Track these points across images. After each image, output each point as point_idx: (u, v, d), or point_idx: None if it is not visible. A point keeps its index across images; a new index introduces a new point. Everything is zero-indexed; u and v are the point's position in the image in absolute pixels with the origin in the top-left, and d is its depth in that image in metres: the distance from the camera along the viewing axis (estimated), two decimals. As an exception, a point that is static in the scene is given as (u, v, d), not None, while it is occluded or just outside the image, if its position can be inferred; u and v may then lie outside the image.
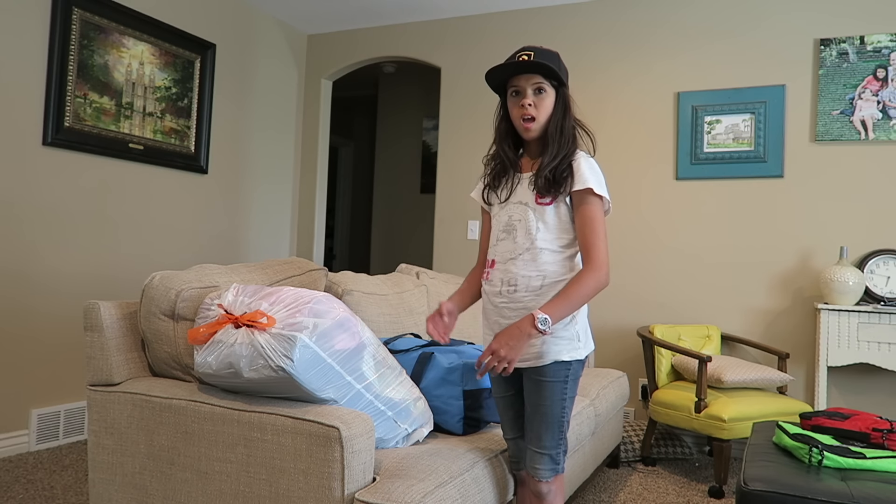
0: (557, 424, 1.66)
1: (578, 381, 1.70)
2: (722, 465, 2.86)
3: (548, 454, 1.67)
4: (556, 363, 1.63)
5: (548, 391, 1.64)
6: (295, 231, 4.78)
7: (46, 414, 3.17)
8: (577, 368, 1.67)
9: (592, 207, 1.62)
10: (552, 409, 1.65)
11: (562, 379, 1.64)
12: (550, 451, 1.67)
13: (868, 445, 2.04)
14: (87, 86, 3.30)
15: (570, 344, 1.64)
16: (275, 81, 4.55)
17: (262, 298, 1.62)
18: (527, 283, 1.65)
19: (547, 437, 1.66)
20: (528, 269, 1.66)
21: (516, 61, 1.64)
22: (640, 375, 3.76)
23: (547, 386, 1.64)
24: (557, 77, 1.65)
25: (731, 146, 3.61)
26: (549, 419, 1.65)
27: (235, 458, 1.61)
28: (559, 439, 1.67)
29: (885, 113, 3.31)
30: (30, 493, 2.56)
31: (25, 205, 3.09)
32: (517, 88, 1.67)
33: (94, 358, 1.85)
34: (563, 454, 1.69)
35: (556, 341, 1.63)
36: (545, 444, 1.67)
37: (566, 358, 1.63)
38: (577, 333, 1.67)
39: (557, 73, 1.63)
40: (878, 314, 3.06)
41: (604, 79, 3.94)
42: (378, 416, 1.71)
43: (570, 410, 1.68)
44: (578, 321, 1.68)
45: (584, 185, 1.61)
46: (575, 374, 1.67)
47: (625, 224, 3.85)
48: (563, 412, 1.66)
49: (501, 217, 1.73)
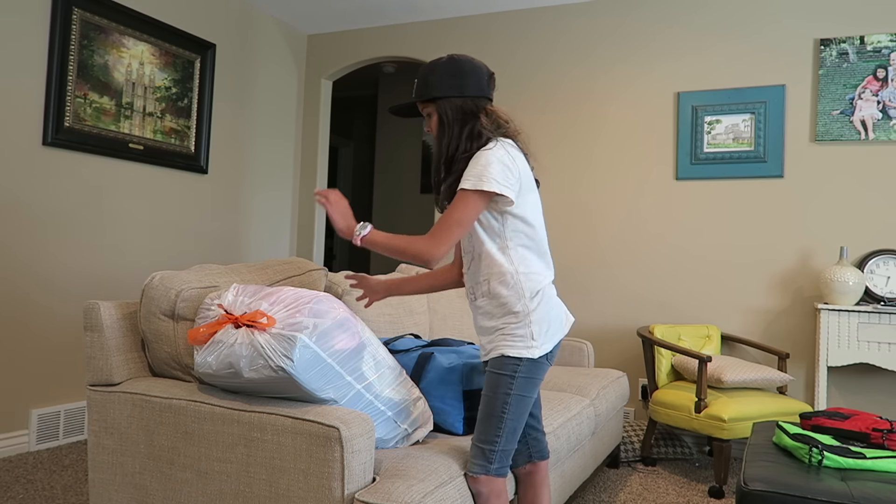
0: (497, 418, 1.63)
1: (534, 384, 1.66)
2: (722, 465, 2.86)
3: (481, 448, 1.64)
4: (504, 357, 1.64)
5: (493, 382, 1.65)
6: (295, 231, 4.78)
7: (46, 414, 3.17)
8: (530, 367, 1.64)
9: (457, 198, 1.59)
10: (494, 400, 1.64)
11: (509, 373, 1.63)
12: (484, 444, 1.64)
13: (868, 445, 2.04)
14: (87, 86, 3.30)
15: (522, 341, 1.64)
16: (275, 81, 4.55)
17: (262, 298, 1.62)
18: (478, 290, 1.71)
19: (483, 429, 1.65)
20: (476, 277, 1.71)
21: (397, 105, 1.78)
22: (640, 375, 3.76)
23: (494, 378, 1.65)
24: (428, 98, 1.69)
25: (731, 146, 3.61)
26: (489, 410, 1.64)
27: (235, 458, 1.61)
28: (495, 436, 1.63)
29: (885, 113, 3.31)
30: (30, 493, 2.56)
31: (25, 205, 3.09)
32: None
33: (94, 358, 1.85)
34: (500, 455, 1.65)
35: (506, 338, 1.65)
36: (481, 437, 1.65)
37: (513, 353, 1.63)
38: (532, 332, 1.65)
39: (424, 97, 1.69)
40: (878, 314, 3.06)
41: (605, 79, 3.94)
42: (378, 417, 1.71)
43: (515, 410, 1.64)
44: (534, 321, 1.65)
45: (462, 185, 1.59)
46: (526, 373, 1.64)
47: (625, 224, 3.85)
48: (505, 408, 1.63)
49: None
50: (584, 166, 3.94)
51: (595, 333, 3.89)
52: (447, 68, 1.70)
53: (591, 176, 3.93)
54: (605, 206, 3.89)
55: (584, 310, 3.91)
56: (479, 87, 1.69)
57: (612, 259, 3.86)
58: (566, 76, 4.03)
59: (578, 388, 2.75)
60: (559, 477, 2.28)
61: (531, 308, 1.65)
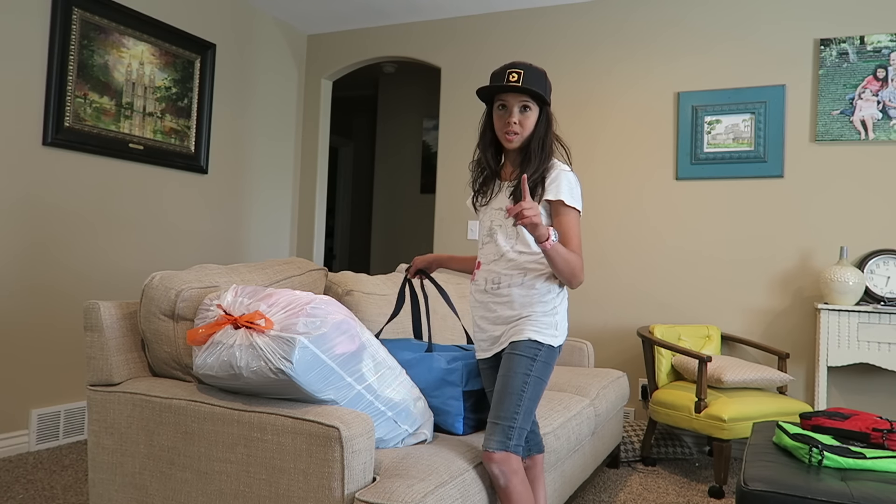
0: (516, 396, 1.68)
1: (549, 370, 1.75)
2: (722, 465, 2.86)
3: (500, 424, 1.67)
4: (530, 341, 1.72)
5: (515, 363, 1.71)
6: (295, 231, 4.78)
7: (46, 414, 3.17)
8: (549, 354, 1.74)
9: (567, 218, 1.74)
10: (514, 379, 1.69)
11: (531, 356, 1.71)
12: (503, 421, 1.67)
13: (868, 445, 2.04)
14: (87, 86, 3.30)
15: (548, 329, 1.75)
16: (275, 81, 4.55)
17: (260, 300, 1.62)
18: (510, 280, 1.78)
19: (502, 406, 1.68)
20: (508, 270, 1.79)
21: (506, 84, 1.75)
22: (640, 375, 3.76)
23: (515, 358, 1.71)
24: (542, 98, 1.77)
25: (731, 146, 3.61)
26: (509, 388, 1.69)
27: (235, 458, 1.61)
28: (514, 413, 1.67)
29: (885, 113, 3.31)
30: (30, 493, 2.56)
31: (25, 205, 3.09)
32: (504, 103, 1.79)
33: (94, 358, 1.85)
34: (518, 433, 1.67)
35: (535, 323, 1.74)
36: (499, 414, 1.68)
37: (540, 339, 1.73)
38: (557, 322, 1.78)
39: (542, 96, 1.76)
40: (878, 314, 3.06)
41: (605, 79, 3.94)
42: (378, 417, 1.71)
43: (532, 390, 1.70)
44: (559, 312, 1.79)
45: (557, 196, 1.73)
46: (546, 358, 1.73)
47: (625, 224, 3.85)
48: (525, 387, 1.69)
49: (485, 222, 1.87)
50: (583, 166, 3.93)
51: (595, 333, 3.89)
52: (550, 86, 1.85)
53: (591, 176, 3.93)
54: (605, 205, 3.89)
55: (584, 310, 3.91)
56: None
57: (612, 259, 3.86)
58: (566, 76, 4.03)
59: (578, 388, 2.75)
60: (559, 477, 2.28)
61: (558, 302, 1.79)
